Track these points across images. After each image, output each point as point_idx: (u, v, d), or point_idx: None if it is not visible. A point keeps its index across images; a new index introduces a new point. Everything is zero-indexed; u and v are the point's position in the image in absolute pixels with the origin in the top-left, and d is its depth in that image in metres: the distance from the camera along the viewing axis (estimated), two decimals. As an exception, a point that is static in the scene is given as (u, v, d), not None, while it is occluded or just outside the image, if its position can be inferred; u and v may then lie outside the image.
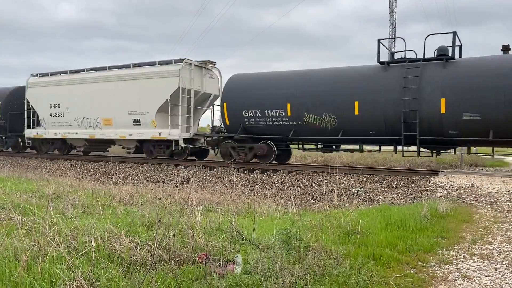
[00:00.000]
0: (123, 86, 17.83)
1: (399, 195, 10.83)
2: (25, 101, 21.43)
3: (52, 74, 20.88)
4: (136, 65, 18.00)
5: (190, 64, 16.88)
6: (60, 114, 19.92)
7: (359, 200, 10.90)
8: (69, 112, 19.51)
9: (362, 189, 11.57)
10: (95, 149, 21.52)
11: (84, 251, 3.77)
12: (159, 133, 16.91)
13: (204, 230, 4.80)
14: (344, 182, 12.24)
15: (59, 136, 20.07)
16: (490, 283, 3.91)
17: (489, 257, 4.79)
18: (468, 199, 9.32)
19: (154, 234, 4.21)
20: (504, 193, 9.36)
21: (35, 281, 3.20)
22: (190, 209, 5.98)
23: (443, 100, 11.93)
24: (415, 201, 9.99)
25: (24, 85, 21.74)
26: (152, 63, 17.52)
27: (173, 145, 16.66)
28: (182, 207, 6.47)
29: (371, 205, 10.37)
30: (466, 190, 9.87)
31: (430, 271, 4.18)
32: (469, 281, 3.95)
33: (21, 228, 4.46)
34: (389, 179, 11.91)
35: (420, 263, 4.40)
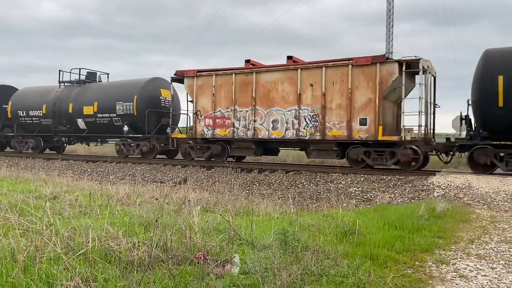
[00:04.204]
0: None
1: (397, 195, 10.85)
2: None
3: None
4: None
5: None
6: None
7: (357, 200, 10.92)
8: None
9: (360, 189, 11.59)
10: None
11: (81, 251, 3.76)
12: None
13: (202, 230, 4.80)
14: (342, 182, 12.25)
15: None
16: (487, 282, 3.92)
17: (486, 256, 4.80)
18: (465, 199, 9.35)
19: (152, 234, 4.20)
20: (501, 193, 9.39)
21: (32, 281, 3.19)
22: (188, 209, 5.98)
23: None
24: (413, 201, 10.02)
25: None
26: None
27: None
28: (179, 207, 6.47)
29: (368, 205, 10.39)
30: (463, 190, 9.90)
31: (428, 271, 4.19)
32: (466, 280, 3.96)
33: (18, 229, 4.44)
34: (387, 179, 11.93)
35: (417, 263, 4.41)
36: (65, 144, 22.78)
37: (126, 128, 17.96)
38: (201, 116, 15.70)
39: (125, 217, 5.68)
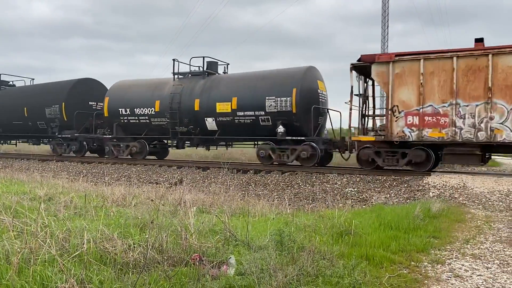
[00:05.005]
0: None
1: (392, 195, 10.88)
2: None
3: None
4: None
5: None
6: None
7: (353, 200, 10.94)
8: None
9: (355, 189, 11.61)
10: None
11: (76, 253, 3.74)
12: None
13: (198, 232, 4.79)
14: (338, 182, 12.27)
15: None
16: (482, 282, 3.94)
17: (481, 256, 4.83)
18: (461, 199, 9.39)
19: (147, 236, 4.19)
20: (495, 193, 9.44)
21: (27, 284, 3.17)
22: (184, 210, 5.96)
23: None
24: (408, 201, 10.05)
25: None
26: None
27: None
28: (175, 208, 6.45)
29: (364, 205, 10.41)
30: (459, 190, 9.95)
31: (423, 271, 4.20)
32: (462, 280, 3.97)
33: (12, 231, 4.41)
34: (382, 179, 11.96)
35: (413, 263, 4.42)
36: (169, 149, 19.47)
37: (281, 129, 14.28)
38: (399, 112, 12.13)
39: (120, 218, 5.65)
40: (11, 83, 24.39)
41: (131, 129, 17.84)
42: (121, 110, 17.75)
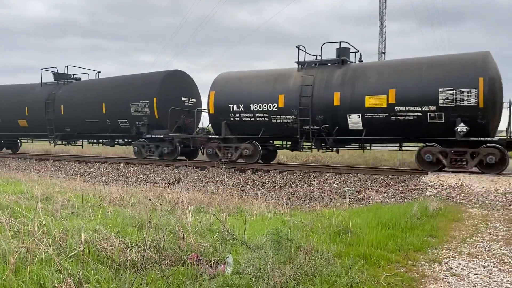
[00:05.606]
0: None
1: (390, 194, 10.90)
2: None
3: None
4: None
5: None
6: None
7: (350, 199, 10.95)
8: None
9: (353, 188, 11.63)
10: None
11: (74, 252, 3.73)
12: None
13: (195, 231, 4.78)
14: (335, 181, 12.29)
15: None
16: (479, 281, 3.95)
17: (478, 255, 4.84)
18: (458, 198, 9.42)
19: (145, 235, 4.18)
20: (492, 192, 9.47)
21: (24, 283, 3.17)
22: (181, 210, 5.96)
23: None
24: (405, 200, 10.07)
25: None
26: None
27: None
28: (173, 207, 6.45)
29: (361, 204, 10.43)
30: (456, 189, 9.97)
31: (420, 270, 4.21)
32: (458, 279, 3.98)
33: (9, 230, 4.40)
34: (380, 179, 11.98)
35: (410, 262, 4.43)
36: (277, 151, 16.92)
37: (462, 127, 11.50)
38: None
39: (118, 218, 5.65)
40: (72, 76, 21.18)
41: (242, 128, 15.17)
42: (232, 107, 15.02)
